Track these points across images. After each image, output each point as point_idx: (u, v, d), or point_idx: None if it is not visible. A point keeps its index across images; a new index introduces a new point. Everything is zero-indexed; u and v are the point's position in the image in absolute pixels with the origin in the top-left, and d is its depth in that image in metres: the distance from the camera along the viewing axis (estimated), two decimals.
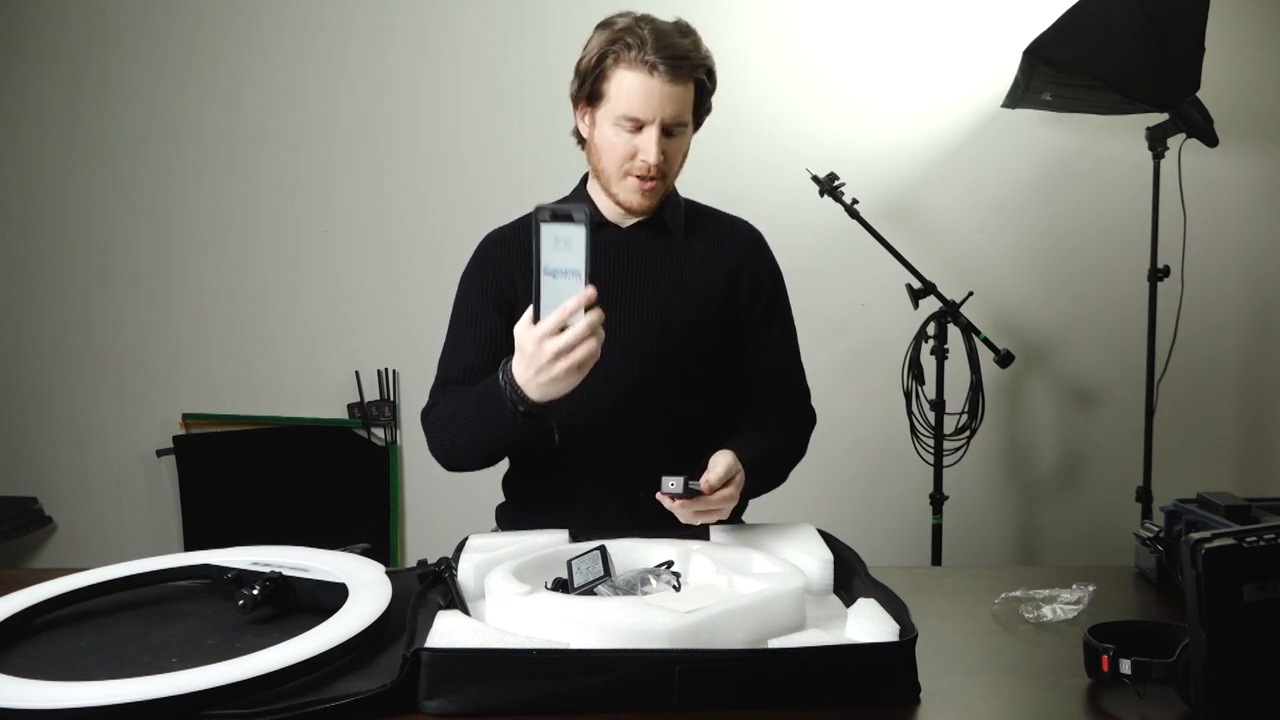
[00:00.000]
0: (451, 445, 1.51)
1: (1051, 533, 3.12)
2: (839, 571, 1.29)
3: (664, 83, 1.46)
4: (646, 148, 1.49)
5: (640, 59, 1.46)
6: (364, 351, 3.12)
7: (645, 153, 1.49)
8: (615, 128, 1.50)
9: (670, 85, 1.47)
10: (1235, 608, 0.89)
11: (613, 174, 1.54)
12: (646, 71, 1.46)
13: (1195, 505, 1.43)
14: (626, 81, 1.48)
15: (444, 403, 1.55)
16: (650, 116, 1.48)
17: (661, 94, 1.47)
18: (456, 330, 1.64)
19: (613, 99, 1.49)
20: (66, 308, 3.14)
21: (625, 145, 1.50)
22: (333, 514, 3.13)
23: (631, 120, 1.49)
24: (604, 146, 1.53)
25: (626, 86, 1.48)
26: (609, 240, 1.62)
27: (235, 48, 3.08)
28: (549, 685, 0.98)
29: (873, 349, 3.01)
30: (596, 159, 1.56)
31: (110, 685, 0.96)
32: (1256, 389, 3.11)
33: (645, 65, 1.46)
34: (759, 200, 2.52)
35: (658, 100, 1.47)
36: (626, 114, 1.48)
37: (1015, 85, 2.70)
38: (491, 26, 3.05)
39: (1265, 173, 3.05)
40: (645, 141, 1.49)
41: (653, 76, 1.46)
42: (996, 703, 1.06)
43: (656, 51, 1.45)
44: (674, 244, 1.63)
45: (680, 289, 1.61)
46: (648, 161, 1.49)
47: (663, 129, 1.49)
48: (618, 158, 1.52)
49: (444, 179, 3.08)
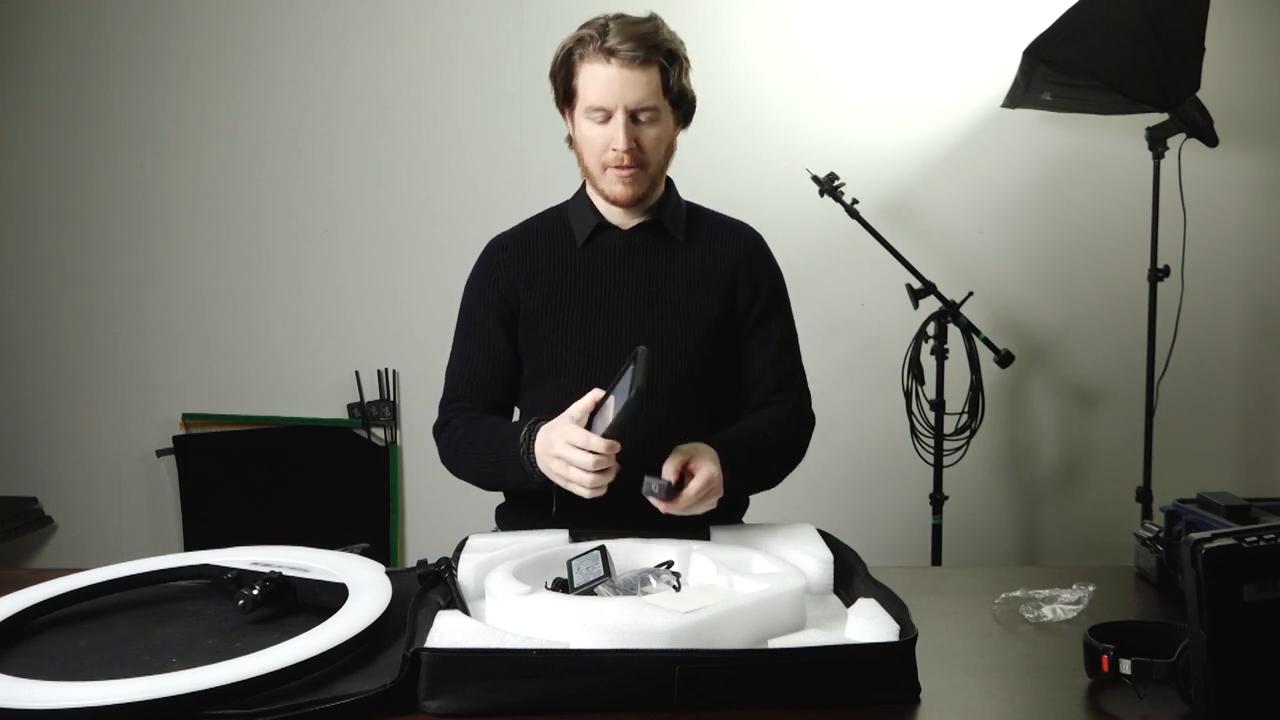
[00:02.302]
0: (460, 471, 1.61)
1: (1051, 533, 3.12)
2: (839, 571, 1.29)
3: (621, 68, 1.49)
4: (615, 135, 1.51)
5: (598, 49, 1.50)
6: (364, 351, 3.12)
7: (615, 140, 1.52)
8: (588, 122, 1.54)
9: (629, 70, 1.49)
10: (1235, 608, 0.89)
11: (594, 168, 1.57)
12: (604, 60, 1.50)
13: (1195, 505, 1.43)
14: (589, 73, 1.52)
15: (460, 427, 1.60)
16: (613, 104, 1.51)
17: (621, 80, 1.50)
18: (461, 342, 1.68)
19: (581, 94, 1.54)
20: (66, 308, 3.14)
21: (599, 137, 1.53)
22: (333, 514, 3.13)
23: (599, 110, 1.52)
24: (582, 143, 1.57)
25: (589, 78, 1.52)
26: (610, 243, 1.63)
27: (235, 48, 3.08)
28: (549, 685, 0.98)
29: (873, 349, 3.01)
30: (580, 158, 1.60)
31: (110, 685, 0.96)
32: (1256, 389, 3.11)
33: (603, 54, 1.50)
34: (759, 200, 2.52)
35: (618, 86, 1.50)
36: (593, 105, 1.52)
37: (1015, 85, 2.70)
38: (491, 26, 3.05)
39: (1265, 173, 3.05)
40: (613, 129, 1.52)
41: (610, 64, 1.50)
42: (996, 703, 1.06)
43: (611, 39, 1.49)
44: (674, 247, 1.64)
45: (680, 291, 1.61)
46: (617, 149, 1.52)
47: (631, 115, 1.51)
48: (594, 151, 1.55)
49: (444, 179, 3.08)
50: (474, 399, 1.64)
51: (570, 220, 1.66)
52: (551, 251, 1.64)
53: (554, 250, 1.64)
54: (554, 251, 1.64)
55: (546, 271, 1.63)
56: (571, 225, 1.65)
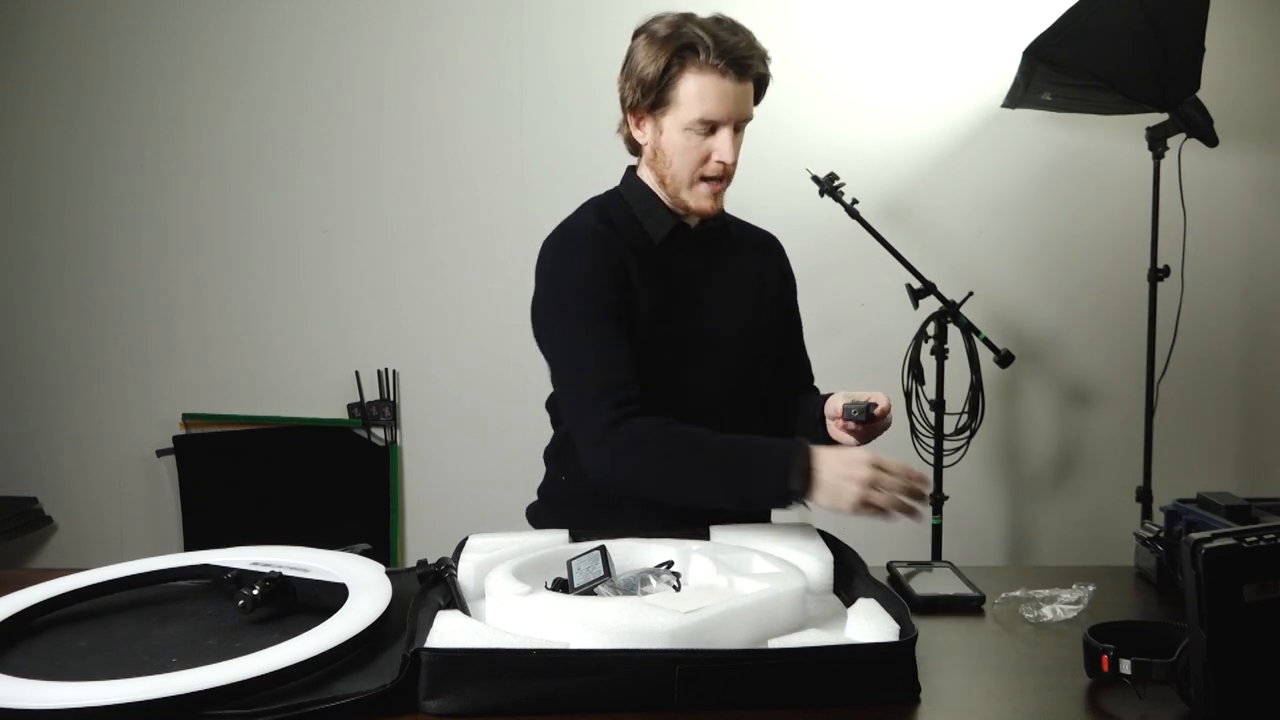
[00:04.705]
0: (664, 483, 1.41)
1: (1051, 533, 3.12)
2: (839, 571, 1.29)
3: (734, 83, 1.48)
4: (723, 149, 1.50)
5: (709, 63, 1.47)
6: (364, 351, 3.12)
7: (721, 154, 1.50)
8: (686, 133, 1.50)
9: (742, 85, 1.50)
10: (1235, 608, 0.89)
11: (684, 179, 1.54)
12: (718, 74, 1.47)
13: (1195, 505, 1.43)
14: (698, 84, 1.48)
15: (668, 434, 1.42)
16: (725, 118, 1.49)
17: (735, 94, 1.49)
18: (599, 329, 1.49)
19: (683, 105, 1.49)
20: (66, 308, 3.14)
21: (698, 149, 1.51)
22: (333, 514, 3.13)
23: (706, 123, 1.49)
24: (674, 153, 1.53)
25: (698, 91, 1.48)
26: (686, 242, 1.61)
27: (235, 48, 3.08)
28: (549, 685, 0.98)
29: (873, 349, 3.01)
30: (665, 166, 1.55)
31: (110, 685, 0.96)
32: (1256, 389, 3.11)
33: (715, 69, 1.47)
34: (759, 200, 2.51)
35: (732, 100, 1.49)
36: (701, 118, 1.49)
37: (1015, 85, 2.70)
38: (491, 27, 3.05)
39: (1265, 173, 3.05)
40: (721, 143, 1.50)
41: (724, 78, 1.48)
42: (996, 703, 1.06)
43: (724, 54, 1.47)
44: (732, 247, 1.67)
45: (746, 288, 1.66)
46: (724, 162, 1.51)
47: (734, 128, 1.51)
48: (690, 162, 1.52)
49: (444, 179, 3.08)
50: (636, 385, 1.46)
51: (640, 219, 1.59)
52: (639, 246, 1.57)
53: (637, 247, 1.57)
54: (637, 248, 1.57)
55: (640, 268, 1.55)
56: (643, 223, 1.59)
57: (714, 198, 1.55)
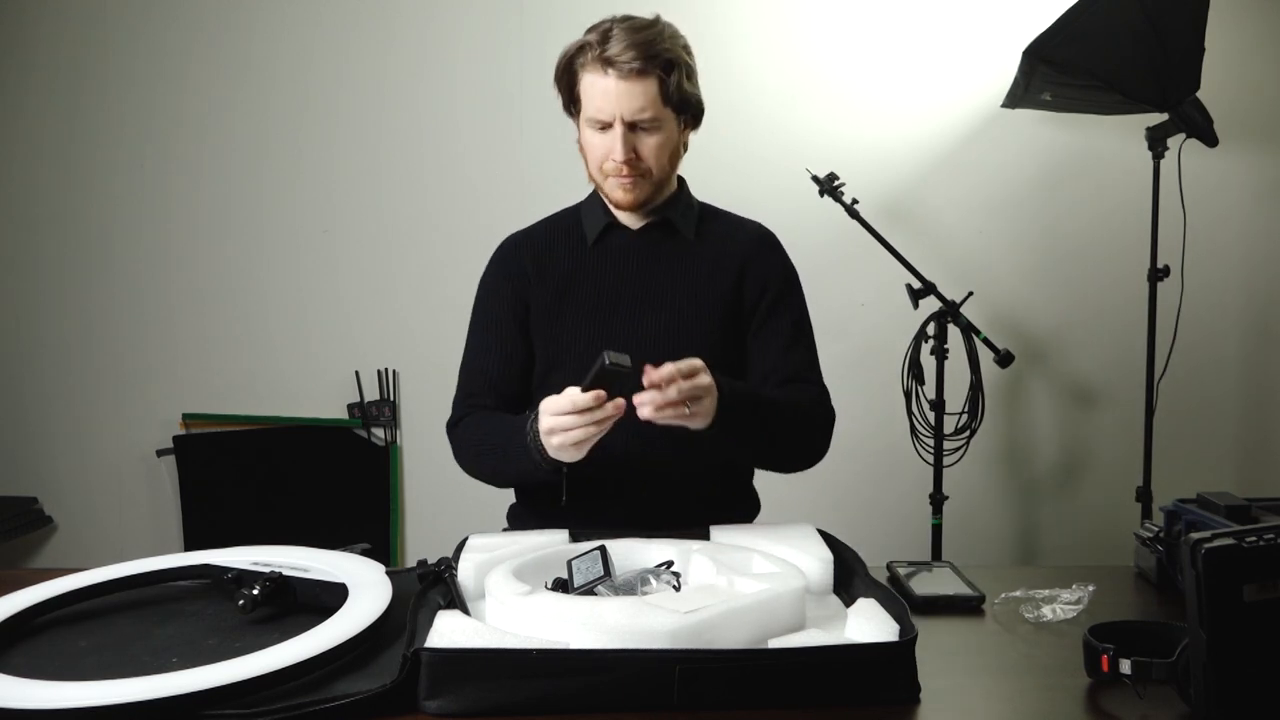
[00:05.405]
0: (475, 469, 1.61)
1: (1051, 533, 3.12)
2: (839, 571, 1.29)
3: (619, 79, 1.49)
4: (613, 146, 1.52)
5: (596, 59, 1.49)
6: (364, 351, 3.12)
7: (613, 150, 1.52)
8: (589, 130, 1.55)
9: (625, 82, 1.49)
10: (1235, 608, 0.89)
11: (596, 175, 1.59)
12: (602, 70, 1.50)
13: (1195, 505, 1.42)
14: (588, 83, 1.52)
15: (471, 424, 1.60)
16: (610, 116, 1.51)
17: (618, 92, 1.49)
18: (476, 340, 1.69)
19: (583, 104, 1.55)
20: (66, 308, 3.14)
21: (600, 146, 1.54)
22: (333, 514, 3.13)
23: (598, 121, 1.52)
24: (585, 150, 1.59)
25: (589, 87, 1.52)
26: (619, 242, 1.64)
27: (235, 48, 3.08)
28: (549, 685, 0.98)
29: (873, 349, 3.01)
30: (585, 164, 1.60)
31: (110, 685, 0.96)
32: (1256, 389, 3.11)
33: (601, 64, 1.49)
34: (759, 200, 2.51)
35: (614, 98, 1.49)
36: (592, 116, 1.53)
37: (1015, 85, 2.70)
38: (491, 27, 3.05)
39: (1265, 173, 3.05)
40: (611, 140, 1.52)
41: (607, 75, 1.49)
42: (996, 703, 1.06)
43: (609, 50, 1.48)
44: (684, 246, 1.64)
45: (688, 289, 1.62)
46: (616, 159, 1.52)
47: (629, 125, 1.51)
48: (596, 159, 1.56)
49: (444, 179, 3.08)
50: (488, 395, 1.63)
51: (582, 220, 1.67)
52: (564, 249, 1.65)
53: (566, 248, 1.65)
54: (566, 249, 1.65)
55: (558, 268, 1.63)
56: (583, 224, 1.66)
57: (625, 190, 1.56)
